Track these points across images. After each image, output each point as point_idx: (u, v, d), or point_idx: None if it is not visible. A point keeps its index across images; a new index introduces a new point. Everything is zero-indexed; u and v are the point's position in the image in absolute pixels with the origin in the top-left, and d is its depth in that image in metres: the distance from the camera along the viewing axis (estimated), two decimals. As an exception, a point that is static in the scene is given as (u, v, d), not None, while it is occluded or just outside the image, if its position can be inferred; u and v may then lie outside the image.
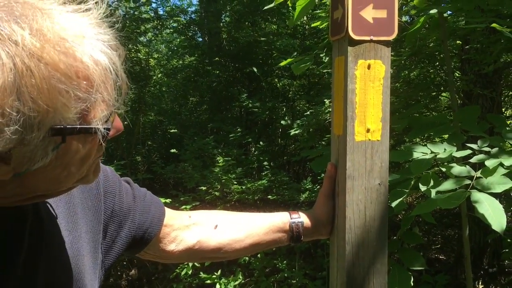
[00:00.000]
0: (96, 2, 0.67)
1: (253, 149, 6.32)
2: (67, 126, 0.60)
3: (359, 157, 1.12)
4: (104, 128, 0.65)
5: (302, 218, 1.17)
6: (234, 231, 1.12)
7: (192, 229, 1.09)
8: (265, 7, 2.93)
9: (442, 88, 4.37)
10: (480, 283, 4.54)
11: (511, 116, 6.32)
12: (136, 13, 6.19)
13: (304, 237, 1.17)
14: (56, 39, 0.58)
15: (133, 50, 6.55)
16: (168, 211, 1.08)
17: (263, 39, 6.19)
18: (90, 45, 0.62)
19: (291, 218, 1.17)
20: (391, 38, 1.12)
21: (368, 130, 1.12)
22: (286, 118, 5.72)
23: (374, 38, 1.11)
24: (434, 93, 4.76)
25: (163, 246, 1.04)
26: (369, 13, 1.10)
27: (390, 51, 1.14)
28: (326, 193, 1.19)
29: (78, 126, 0.61)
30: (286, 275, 4.07)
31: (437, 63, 4.20)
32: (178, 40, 8.59)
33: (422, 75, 4.44)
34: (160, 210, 1.03)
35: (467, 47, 3.34)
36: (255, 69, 5.87)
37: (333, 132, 1.21)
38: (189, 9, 7.74)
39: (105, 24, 0.68)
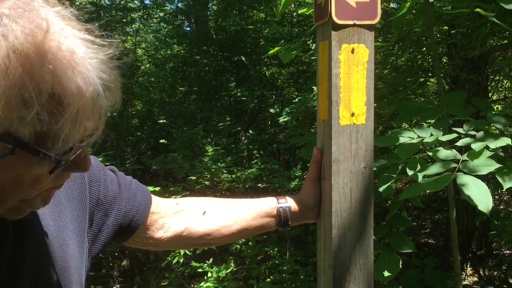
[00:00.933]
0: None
1: (243, 138, 6.33)
2: (19, 138, 0.56)
3: (344, 141, 1.13)
4: (58, 159, 0.60)
5: (289, 203, 1.19)
6: (222, 217, 1.13)
7: (180, 215, 1.09)
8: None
9: (429, 74, 4.40)
10: (468, 265, 4.62)
11: (498, 100, 6.38)
12: (122, 2, 6.13)
13: (292, 221, 1.18)
14: (50, 53, 0.55)
15: (119, 40, 6.49)
16: (155, 198, 1.08)
17: (250, 27, 6.16)
18: (85, 70, 0.58)
19: (278, 203, 1.18)
20: (374, 22, 1.13)
21: (352, 114, 1.13)
22: (275, 106, 5.72)
23: (358, 22, 1.11)
24: (422, 79, 4.79)
25: (151, 233, 1.04)
26: (352, -3, 1.11)
27: (374, 35, 1.14)
28: (313, 177, 1.20)
29: (32, 146, 0.57)
30: (277, 262, 4.10)
31: (424, 49, 4.22)
32: (165, 29, 8.53)
33: (409, 61, 4.46)
34: (146, 198, 1.03)
35: (453, 31, 3.36)
36: (243, 58, 5.85)
37: (318, 117, 1.22)
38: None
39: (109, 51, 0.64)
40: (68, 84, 0.56)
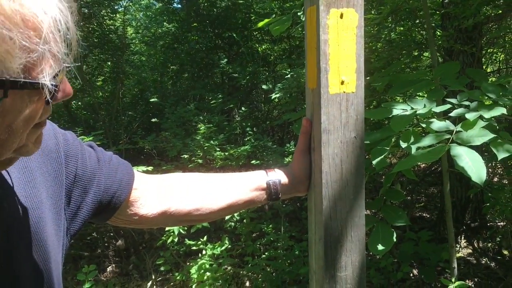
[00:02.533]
0: None
1: (236, 115, 6.28)
2: (10, 79, 0.53)
3: (334, 110, 1.09)
4: (52, 85, 0.59)
5: (279, 176, 1.15)
6: (210, 192, 1.09)
7: (166, 191, 1.05)
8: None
9: (423, 47, 4.35)
10: (462, 237, 4.64)
11: (492, 73, 6.34)
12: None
13: (282, 194, 1.15)
14: None
15: (106, 18, 6.37)
16: (139, 174, 1.04)
17: (241, 1, 6.05)
18: None
19: (268, 176, 1.14)
20: (364, -16, 1.08)
21: (342, 82, 1.09)
22: (268, 82, 5.66)
23: (346, -15, 1.06)
24: (416, 53, 4.74)
25: (135, 210, 1.00)
26: (340, -41, 1.05)
27: (363, -2, 1.09)
28: (302, 148, 1.16)
29: (23, 80, 0.55)
30: (272, 238, 4.10)
31: (417, 21, 4.16)
32: (156, 7, 8.39)
33: (402, 34, 4.40)
34: (128, 173, 0.98)
35: (446, 1, 3.30)
36: (234, 34, 5.76)
37: (307, 86, 1.17)
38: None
39: None
40: (32, 7, 0.55)
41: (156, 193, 1.04)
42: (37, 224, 0.75)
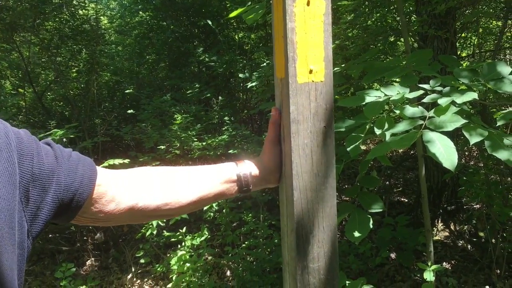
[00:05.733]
0: None
1: (214, 105, 6.23)
2: None
3: (303, 99, 1.07)
4: None
5: (250, 167, 1.13)
6: (179, 185, 1.06)
7: (133, 186, 1.01)
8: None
9: (399, 33, 4.35)
10: (439, 221, 4.71)
11: (467, 57, 6.41)
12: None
13: (253, 186, 1.13)
14: None
15: (78, 8, 6.22)
16: (103, 170, 1.00)
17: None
18: None
19: (238, 167, 1.12)
20: (330, -30, 1.06)
21: (311, 71, 1.07)
22: (245, 71, 5.62)
23: (313, -29, 1.04)
24: (392, 39, 4.75)
25: (100, 207, 0.96)
26: None
27: (330, -15, 1.07)
28: (272, 139, 1.15)
29: None
30: (251, 227, 4.10)
31: (392, 7, 4.16)
32: (129, -4, 8.23)
33: (378, 20, 4.40)
34: (90, 169, 0.94)
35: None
36: (209, 22, 5.68)
37: (275, 76, 1.15)
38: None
39: None
40: None
41: (122, 189, 1.00)
42: None
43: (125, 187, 1.01)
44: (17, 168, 0.78)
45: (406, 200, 5.67)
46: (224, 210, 4.30)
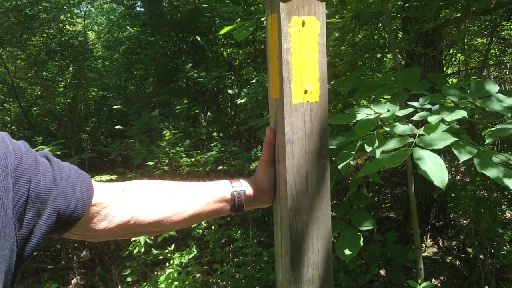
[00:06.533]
0: None
1: (203, 120, 6.22)
2: None
3: (297, 120, 1.07)
4: None
5: (244, 186, 1.12)
6: (173, 203, 1.04)
7: (126, 203, 0.99)
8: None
9: (386, 50, 4.41)
10: (428, 237, 4.72)
11: (453, 74, 6.50)
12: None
13: (246, 206, 1.12)
14: None
15: (66, 23, 6.20)
16: (98, 188, 0.96)
17: (205, 5, 5.99)
18: None
19: (233, 187, 1.11)
20: (324, -8, 1.06)
21: (305, 92, 1.07)
22: (234, 87, 5.62)
23: (307, -7, 1.05)
24: (379, 55, 4.80)
25: (92, 225, 0.94)
26: (301, -34, 1.03)
27: (325, 6, 1.08)
28: (266, 159, 1.14)
29: None
30: (240, 244, 4.07)
31: (380, 25, 4.21)
32: (118, 10, 8.22)
33: (366, 37, 4.45)
34: (87, 189, 0.91)
35: (406, 5, 3.35)
36: (198, 38, 5.70)
37: (270, 96, 1.15)
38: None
39: None
40: None
41: (116, 206, 0.98)
42: None
43: (119, 205, 0.98)
44: (12, 192, 0.75)
45: (395, 216, 5.68)
46: (212, 227, 4.26)
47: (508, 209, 4.67)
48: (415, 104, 2.29)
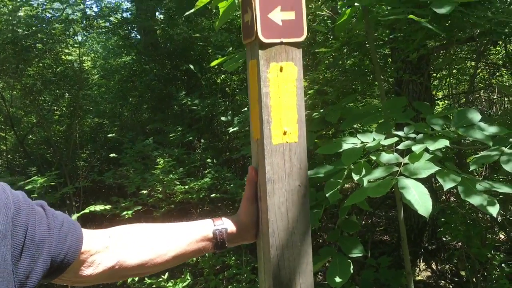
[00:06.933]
0: None
1: (197, 147, 6.27)
2: None
3: (277, 160, 1.12)
4: None
5: (226, 224, 1.17)
6: (156, 246, 1.10)
7: (111, 249, 1.06)
8: (185, 13, 2.89)
9: (373, 77, 4.49)
10: (421, 260, 4.74)
11: (443, 98, 6.59)
12: (64, 14, 5.96)
13: (229, 243, 1.16)
14: None
15: (61, 54, 6.30)
16: (87, 235, 1.03)
17: (198, 35, 6.11)
18: None
19: (215, 225, 1.16)
20: (301, 39, 1.13)
21: (285, 133, 1.13)
22: (228, 113, 5.69)
23: (284, 40, 1.11)
24: (370, 80, 4.89)
25: (80, 272, 1.00)
26: (278, 16, 1.10)
27: (301, 52, 1.14)
28: (249, 197, 1.19)
29: None
30: (234, 271, 4.07)
31: (368, 53, 4.30)
32: (113, 39, 8.35)
33: (355, 65, 4.55)
34: (77, 238, 0.98)
35: (391, 36, 3.46)
36: (191, 66, 5.80)
37: (252, 136, 1.20)
38: (121, 7, 7.52)
39: None
40: None
41: (102, 253, 1.04)
42: None
43: (105, 252, 1.05)
44: (10, 240, 0.81)
45: (389, 239, 5.69)
46: (207, 254, 4.27)
47: (501, 231, 4.70)
48: (400, 133, 2.36)
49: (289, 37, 1.12)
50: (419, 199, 1.83)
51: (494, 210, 1.83)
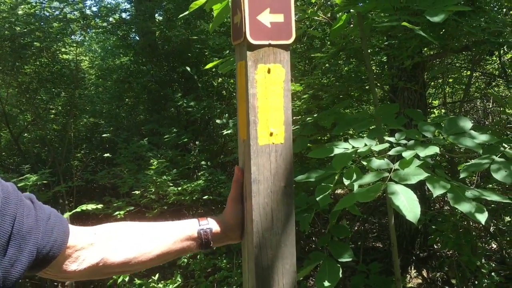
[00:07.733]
0: None
1: (192, 149, 6.27)
2: None
3: (263, 160, 1.13)
4: None
5: (211, 224, 1.17)
6: (140, 244, 1.11)
7: (96, 246, 1.06)
8: (180, 15, 2.91)
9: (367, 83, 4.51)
10: (412, 267, 4.75)
11: (438, 106, 6.61)
12: (62, 13, 5.97)
13: (214, 243, 1.17)
14: None
15: (59, 53, 6.30)
16: (73, 231, 1.04)
17: (195, 37, 6.13)
18: None
19: (200, 225, 1.16)
20: (289, 42, 1.14)
21: (271, 134, 1.13)
22: (224, 115, 5.69)
23: (273, 43, 1.12)
24: (366, 87, 4.91)
25: (64, 267, 1.01)
26: (266, 18, 1.11)
27: (290, 54, 1.15)
28: (234, 197, 1.20)
29: None
30: (225, 274, 4.07)
31: (363, 61, 4.32)
32: (111, 40, 8.35)
33: (351, 71, 4.56)
34: (63, 232, 0.99)
35: (386, 43, 3.48)
36: (188, 68, 5.80)
37: (239, 137, 1.21)
38: (120, 7, 7.52)
39: None
40: None
41: (87, 249, 1.05)
42: None
43: (90, 248, 1.06)
44: None
45: (381, 246, 5.69)
46: (198, 256, 4.26)
47: (492, 240, 4.71)
48: (391, 139, 2.37)
49: (277, 39, 1.13)
50: (408, 204, 1.84)
51: (482, 217, 1.84)
